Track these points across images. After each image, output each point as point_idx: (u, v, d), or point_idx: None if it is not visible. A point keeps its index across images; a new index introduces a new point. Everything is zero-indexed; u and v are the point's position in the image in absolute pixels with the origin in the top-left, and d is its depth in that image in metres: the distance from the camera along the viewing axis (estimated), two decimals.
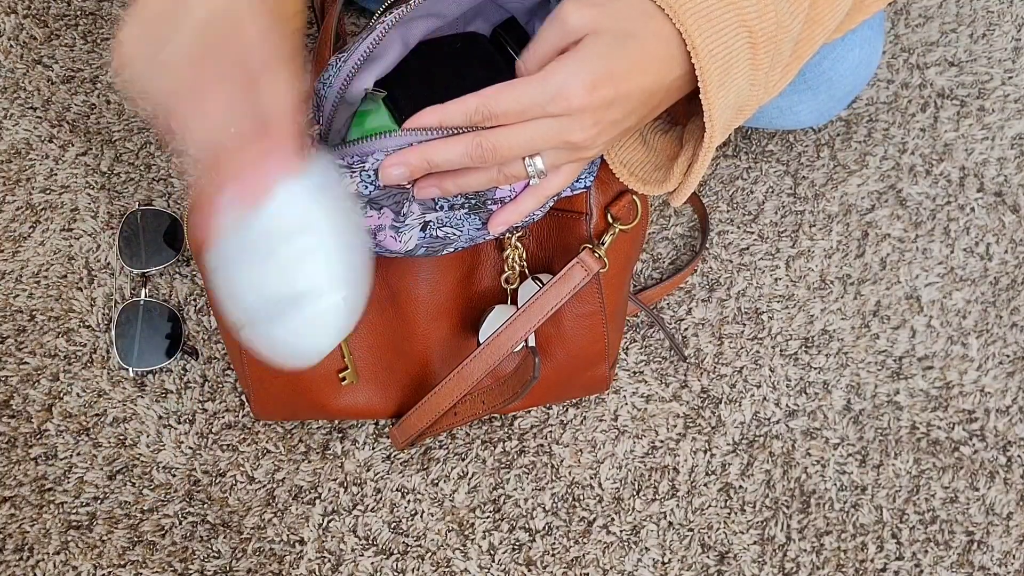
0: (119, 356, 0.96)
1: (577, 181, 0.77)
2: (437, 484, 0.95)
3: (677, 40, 0.61)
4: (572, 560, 0.94)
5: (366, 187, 0.70)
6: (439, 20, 0.73)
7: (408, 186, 0.70)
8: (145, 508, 0.94)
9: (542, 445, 0.97)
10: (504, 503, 0.95)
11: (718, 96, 0.62)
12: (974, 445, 0.99)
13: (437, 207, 0.73)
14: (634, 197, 0.83)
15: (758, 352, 1.00)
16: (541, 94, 0.60)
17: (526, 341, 0.84)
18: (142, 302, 0.98)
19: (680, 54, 0.62)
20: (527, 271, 0.86)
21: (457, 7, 0.72)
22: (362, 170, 0.69)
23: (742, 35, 0.62)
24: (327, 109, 0.71)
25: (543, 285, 0.82)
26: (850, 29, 0.83)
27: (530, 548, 0.94)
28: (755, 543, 0.95)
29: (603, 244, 0.83)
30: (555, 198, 0.77)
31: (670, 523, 0.95)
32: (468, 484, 0.95)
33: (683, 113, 0.73)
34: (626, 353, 1.00)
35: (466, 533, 0.94)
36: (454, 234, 0.75)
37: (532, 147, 0.63)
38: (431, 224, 0.74)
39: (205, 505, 0.94)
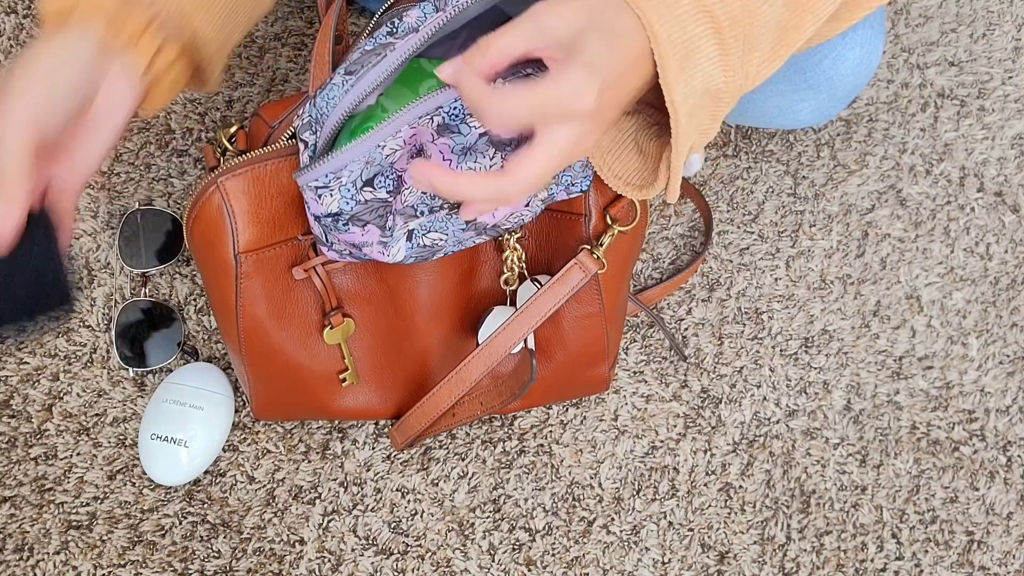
0: (119, 356, 0.96)
1: (573, 185, 0.77)
2: (437, 484, 0.95)
3: (645, 34, 0.61)
4: (572, 560, 0.94)
5: (347, 203, 0.69)
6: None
7: (390, 200, 0.70)
8: (145, 508, 0.94)
9: (542, 445, 0.97)
10: (504, 503, 0.95)
11: (678, 81, 0.62)
12: (974, 445, 0.99)
13: (418, 213, 0.72)
14: (633, 199, 0.83)
15: (758, 352, 1.00)
16: (555, 101, 0.58)
17: (525, 342, 0.84)
18: (142, 302, 0.98)
19: (649, 47, 0.62)
20: (526, 272, 0.86)
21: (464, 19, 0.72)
22: (340, 186, 0.68)
23: (703, 20, 0.62)
24: (329, 127, 0.70)
25: (542, 287, 0.82)
26: (850, 25, 0.83)
27: (530, 548, 0.94)
28: (755, 543, 0.95)
29: (602, 245, 0.83)
30: (548, 200, 0.77)
31: (670, 523, 0.95)
32: (468, 484, 0.95)
33: None
34: (626, 353, 1.00)
35: (466, 533, 0.94)
36: (441, 239, 0.74)
37: (550, 174, 0.61)
38: (415, 232, 0.73)
39: (205, 505, 0.94)
